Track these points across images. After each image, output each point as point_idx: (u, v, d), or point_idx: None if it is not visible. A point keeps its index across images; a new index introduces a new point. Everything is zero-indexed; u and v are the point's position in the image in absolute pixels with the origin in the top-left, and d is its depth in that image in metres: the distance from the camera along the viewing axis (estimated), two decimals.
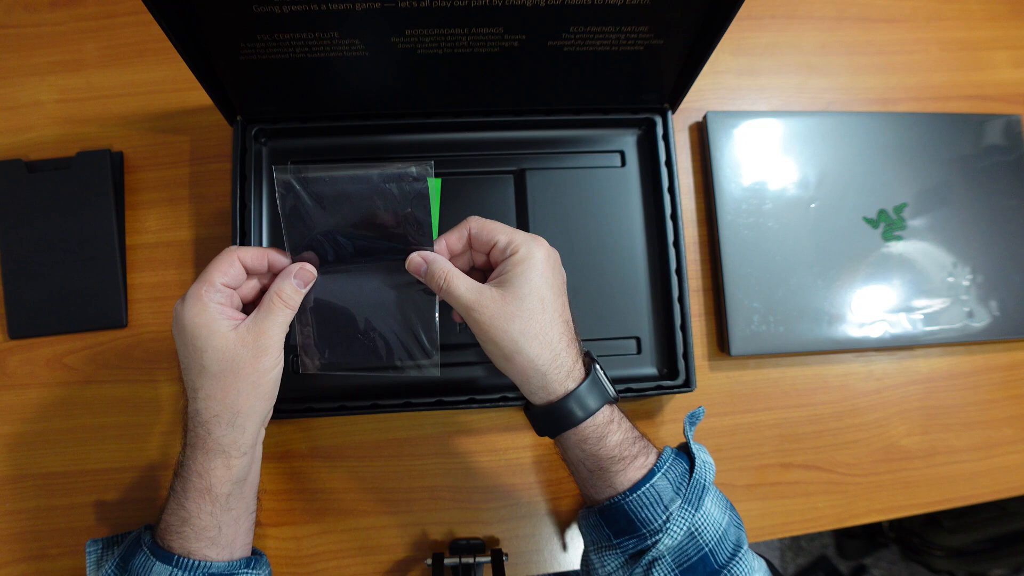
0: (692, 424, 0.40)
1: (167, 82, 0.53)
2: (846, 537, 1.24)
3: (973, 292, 0.54)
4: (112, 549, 0.40)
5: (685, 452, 0.39)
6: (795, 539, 1.27)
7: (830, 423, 0.53)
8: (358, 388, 0.47)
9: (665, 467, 0.36)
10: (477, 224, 0.38)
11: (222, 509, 0.36)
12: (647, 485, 0.35)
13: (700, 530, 0.35)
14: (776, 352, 0.52)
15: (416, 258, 0.38)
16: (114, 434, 0.48)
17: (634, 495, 0.35)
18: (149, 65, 0.53)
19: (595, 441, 0.36)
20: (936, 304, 0.54)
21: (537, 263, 0.35)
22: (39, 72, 0.52)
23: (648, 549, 0.35)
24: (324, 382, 0.47)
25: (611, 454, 0.36)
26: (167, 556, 0.35)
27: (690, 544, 0.35)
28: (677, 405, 0.52)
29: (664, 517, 0.35)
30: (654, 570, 0.35)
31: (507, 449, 0.50)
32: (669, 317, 0.49)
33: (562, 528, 0.50)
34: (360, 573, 0.48)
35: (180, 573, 0.35)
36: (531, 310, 0.35)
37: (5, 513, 0.47)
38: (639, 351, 0.49)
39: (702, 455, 0.38)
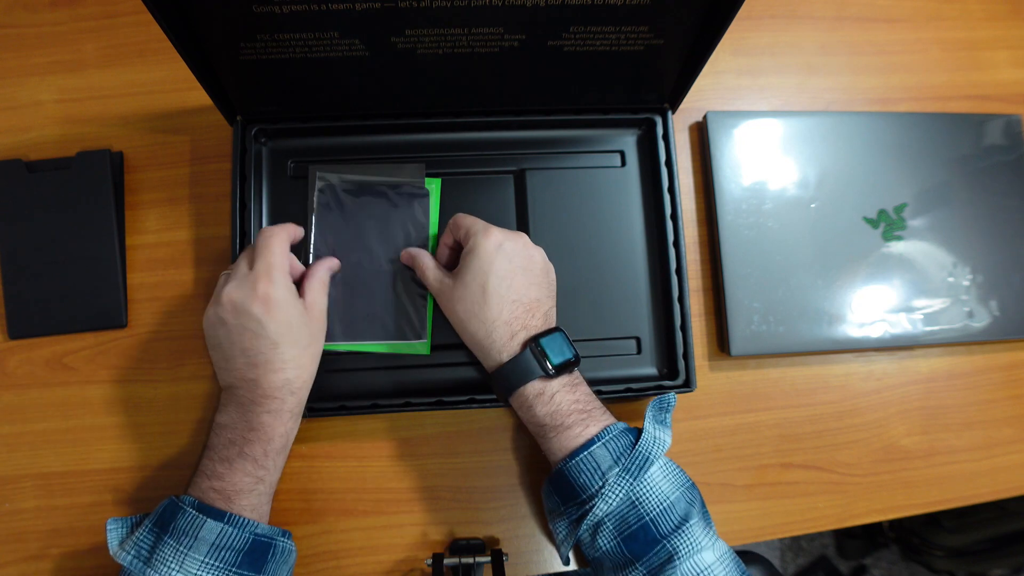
0: (659, 408, 0.41)
1: (167, 82, 0.53)
2: (846, 537, 1.24)
3: (973, 292, 0.54)
4: (137, 528, 0.40)
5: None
6: (795, 539, 1.27)
7: (830, 423, 0.53)
8: (358, 388, 0.47)
9: (607, 438, 0.39)
10: (453, 221, 0.44)
11: (270, 470, 0.40)
12: (585, 452, 0.38)
13: (641, 499, 0.37)
14: (776, 352, 0.52)
15: (405, 252, 0.46)
16: (114, 434, 0.48)
17: (572, 461, 0.38)
18: (149, 65, 0.53)
19: (526, 409, 0.41)
20: (936, 304, 0.54)
21: (483, 253, 0.41)
22: (39, 72, 0.52)
23: (586, 515, 0.37)
24: (324, 382, 0.47)
25: (542, 422, 0.40)
26: (219, 513, 0.37)
27: (630, 512, 0.37)
28: (677, 405, 0.51)
29: (600, 483, 0.37)
30: (598, 536, 0.38)
31: (507, 449, 0.50)
32: (669, 317, 0.49)
33: None
34: (360, 573, 0.48)
35: (232, 530, 0.37)
36: (473, 295, 0.41)
37: (5, 513, 0.47)
38: (639, 351, 0.49)
39: (658, 431, 0.40)
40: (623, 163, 0.52)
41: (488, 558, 0.45)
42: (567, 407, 0.40)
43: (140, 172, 0.52)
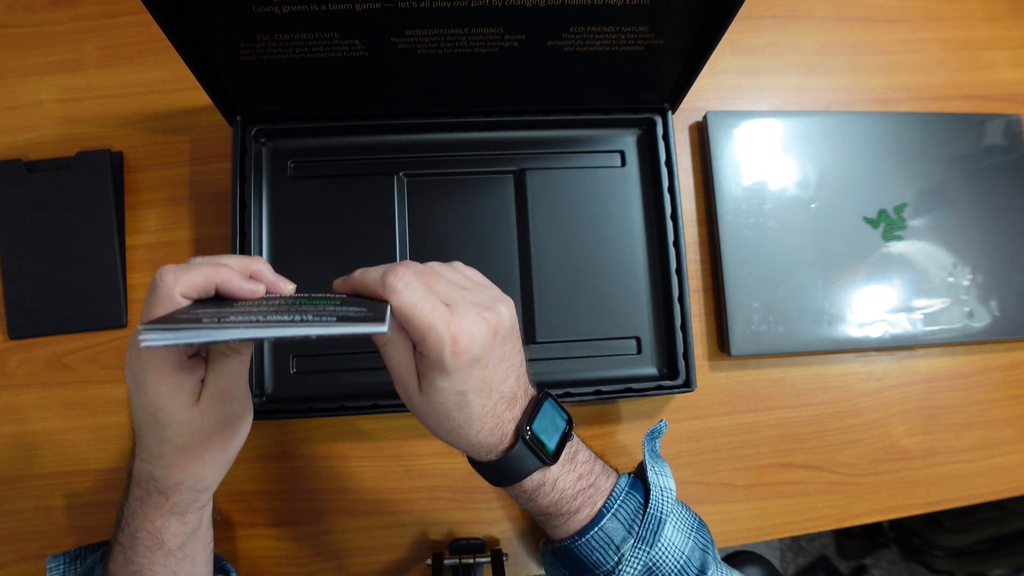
0: (652, 439, 0.39)
1: (167, 82, 0.53)
2: (846, 537, 1.24)
3: (973, 292, 0.54)
4: (75, 564, 0.40)
5: (642, 479, 0.37)
6: (795, 539, 1.27)
7: (830, 423, 0.53)
8: (358, 388, 0.47)
9: (615, 506, 0.35)
10: (400, 301, 0.29)
11: (177, 559, 0.34)
12: (595, 529, 0.35)
13: (659, 564, 0.35)
14: (776, 352, 0.52)
15: (341, 282, 0.33)
16: (114, 434, 0.48)
17: (583, 539, 0.35)
18: (149, 65, 0.53)
19: (525, 500, 0.35)
20: (936, 304, 0.54)
21: (449, 372, 0.30)
22: (39, 72, 0.52)
23: None
24: (324, 382, 0.47)
25: (545, 511, 0.35)
26: None
27: None
28: (677, 405, 0.52)
29: (615, 559, 0.34)
30: None
31: None
32: (669, 317, 0.49)
33: None
34: (360, 573, 0.48)
35: None
36: (448, 416, 0.32)
37: (5, 513, 0.47)
38: (639, 351, 0.49)
39: (661, 479, 0.37)
40: (623, 163, 0.52)
41: (488, 558, 0.45)
42: (571, 491, 0.35)
43: (140, 172, 0.52)
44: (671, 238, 0.50)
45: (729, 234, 0.52)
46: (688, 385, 0.48)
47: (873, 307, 0.53)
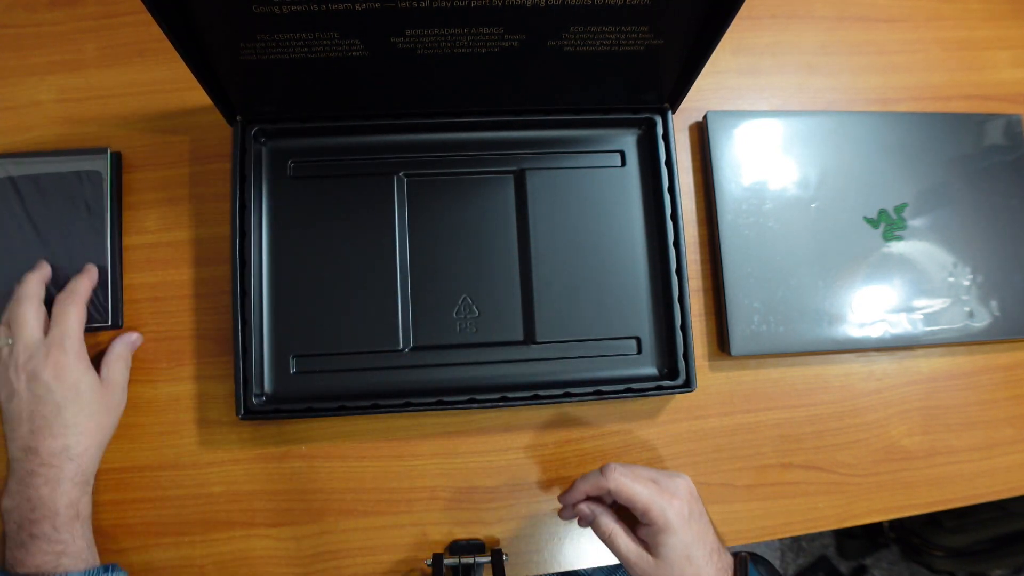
0: None
1: (167, 82, 0.53)
2: (846, 537, 1.24)
3: (974, 292, 0.54)
4: None
5: None
6: (795, 539, 1.27)
7: (830, 423, 0.53)
8: (358, 388, 0.47)
9: None
10: (615, 483, 0.39)
11: (69, 542, 0.40)
12: None
13: None
14: (776, 352, 0.52)
15: (584, 509, 0.42)
16: (114, 434, 0.48)
17: None
18: (149, 65, 0.53)
19: None
20: (937, 304, 0.54)
21: (675, 530, 0.38)
22: (38, 72, 0.52)
23: None
24: (324, 382, 0.47)
25: None
26: None
27: None
28: (677, 405, 0.51)
29: None
30: None
31: (507, 449, 0.50)
32: (669, 317, 0.49)
33: (562, 528, 0.50)
34: (360, 573, 0.48)
35: None
36: (680, 569, 0.39)
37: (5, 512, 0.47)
38: (639, 351, 0.49)
39: None
40: (623, 163, 0.52)
41: (488, 558, 0.45)
42: None
43: (140, 172, 0.51)
44: (671, 238, 0.50)
45: (729, 234, 0.52)
46: (688, 385, 0.48)
47: (873, 307, 0.53)
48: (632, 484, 0.39)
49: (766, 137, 0.54)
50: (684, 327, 0.49)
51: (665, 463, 0.51)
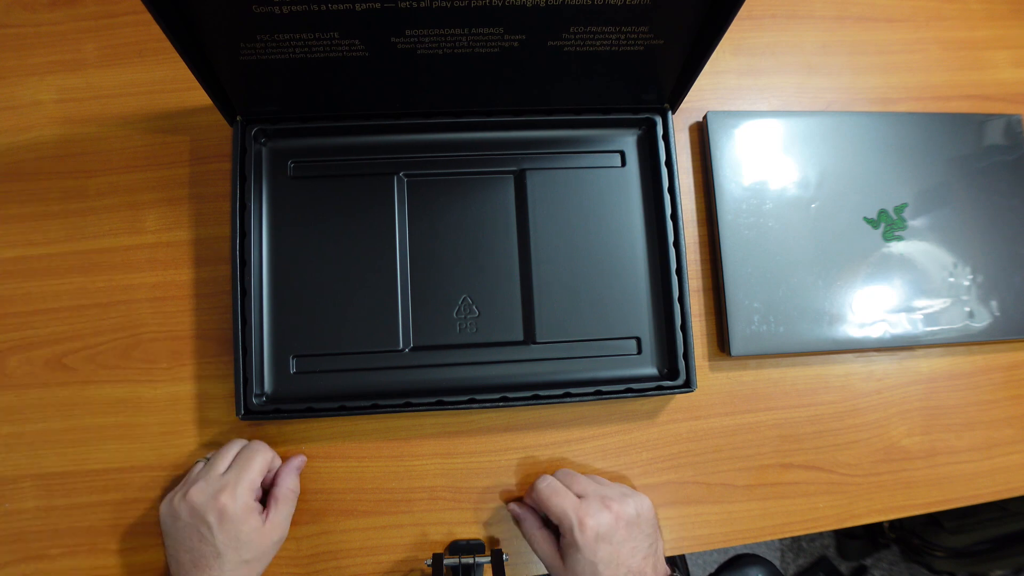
0: None
1: (167, 82, 0.53)
2: (847, 538, 1.24)
3: (974, 292, 0.54)
4: None
5: None
6: (795, 539, 1.27)
7: (830, 423, 0.53)
8: (358, 388, 0.47)
9: None
10: (538, 495, 0.44)
11: None
12: None
13: None
14: (776, 352, 0.52)
15: (515, 509, 0.47)
16: (114, 434, 0.48)
17: None
18: (149, 65, 0.53)
19: None
20: (937, 304, 0.54)
21: (579, 547, 0.41)
22: (39, 72, 0.52)
23: None
24: (324, 382, 0.47)
25: None
26: None
27: None
28: (677, 405, 0.51)
29: None
30: None
31: (507, 449, 0.50)
32: (669, 317, 0.49)
33: None
34: (360, 573, 0.48)
35: None
36: None
37: (5, 513, 0.47)
38: (639, 351, 0.49)
39: None
40: (623, 163, 0.52)
41: (488, 558, 0.45)
42: None
43: (140, 172, 0.51)
44: (671, 238, 0.50)
45: (729, 234, 0.52)
46: (688, 385, 0.48)
47: (873, 307, 0.53)
48: (550, 498, 0.43)
49: (766, 137, 0.54)
50: (684, 327, 0.49)
51: (665, 463, 0.51)
